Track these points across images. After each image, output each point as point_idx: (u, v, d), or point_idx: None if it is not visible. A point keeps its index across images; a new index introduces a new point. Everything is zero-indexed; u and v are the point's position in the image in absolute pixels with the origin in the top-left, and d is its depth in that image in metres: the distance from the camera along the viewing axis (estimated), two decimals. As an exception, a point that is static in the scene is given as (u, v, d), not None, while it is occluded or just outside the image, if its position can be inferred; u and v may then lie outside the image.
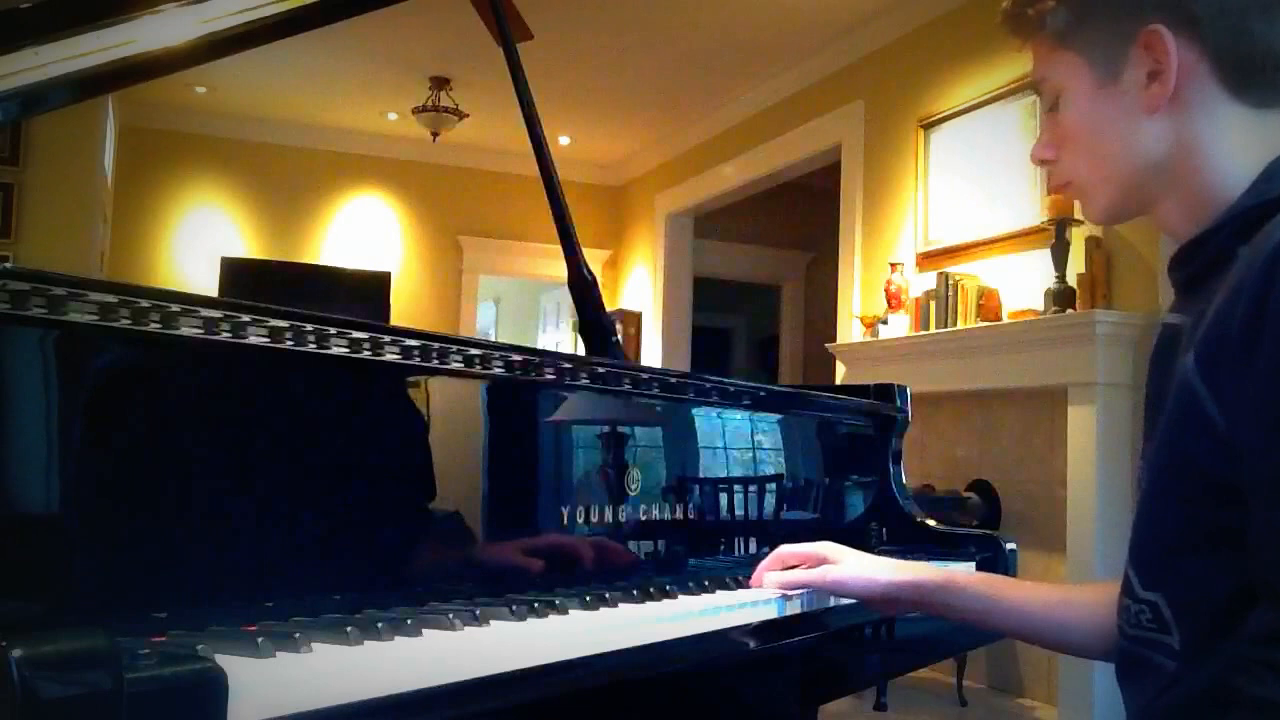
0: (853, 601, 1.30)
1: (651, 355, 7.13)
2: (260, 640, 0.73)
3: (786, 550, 1.25)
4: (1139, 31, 0.89)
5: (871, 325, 4.76)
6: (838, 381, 4.97)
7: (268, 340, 0.90)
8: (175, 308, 0.83)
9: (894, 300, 4.63)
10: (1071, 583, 1.21)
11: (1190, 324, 0.87)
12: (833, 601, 1.27)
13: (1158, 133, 0.91)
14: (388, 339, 1.00)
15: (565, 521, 1.19)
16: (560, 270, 1.76)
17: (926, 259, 4.66)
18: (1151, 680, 0.88)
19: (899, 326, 4.61)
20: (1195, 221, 0.91)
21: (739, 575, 1.30)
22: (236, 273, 6.75)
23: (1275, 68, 0.87)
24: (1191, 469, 0.83)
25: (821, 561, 1.20)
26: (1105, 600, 1.04)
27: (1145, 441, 0.94)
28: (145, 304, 0.81)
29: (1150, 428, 0.93)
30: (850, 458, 1.78)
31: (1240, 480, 0.77)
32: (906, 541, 1.75)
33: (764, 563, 1.27)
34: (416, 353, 1.03)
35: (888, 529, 1.76)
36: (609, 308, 3.03)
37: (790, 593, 1.20)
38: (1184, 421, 0.82)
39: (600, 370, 1.28)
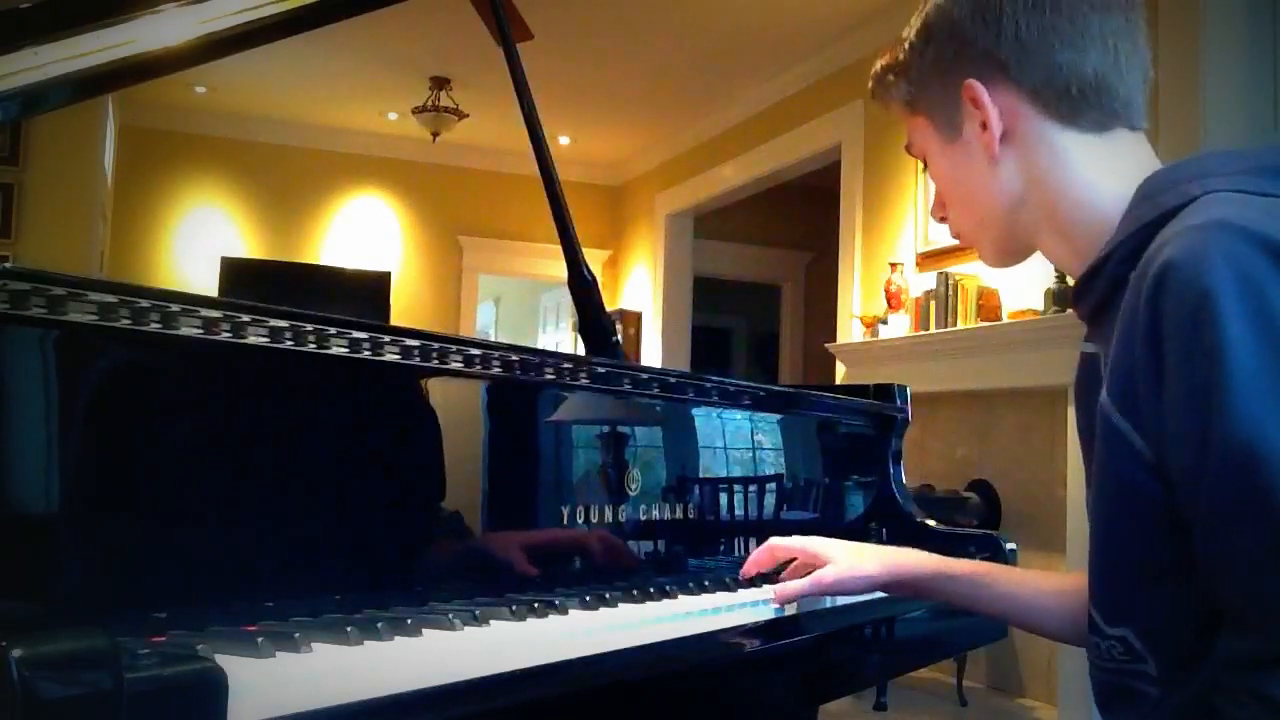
0: (852, 601, 1.30)
1: (651, 355, 7.13)
2: (260, 640, 0.73)
3: (777, 544, 1.24)
4: (961, 88, 0.94)
5: (871, 325, 4.76)
6: (838, 381, 4.97)
7: (268, 340, 0.90)
8: (175, 308, 0.84)
9: (894, 300, 4.63)
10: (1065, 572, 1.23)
11: (1103, 354, 0.87)
12: (830, 602, 1.27)
13: (1009, 175, 0.95)
14: (388, 339, 1.00)
15: (565, 521, 1.19)
16: (560, 270, 1.76)
17: (926, 259, 4.66)
18: (1136, 706, 0.88)
19: (899, 326, 4.61)
20: (1077, 251, 0.93)
21: (739, 575, 1.30)
22: (236, 273, 6.74)
23: (1095, 92, 0.90)
24: (1133, 501, 0.83)
25: (813, 558, 1.20)
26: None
27: (1086, 476, 0.94)
28: (145, 304, 0.81)
29: (1088, 462, 0.92)
30: (850, 458, 1.78)
31: (1180, 507, 0.77)
32: (906, 542, 1.74)
33: (753, 555, 1.26)
34: (416, 353, 1.03)
35: (887, 529, 1.76)
36: (609, 308, 3.03)
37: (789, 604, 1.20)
38: (1114, 456, 0.83)
39: (600, 370, 1.28)
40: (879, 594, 1.37)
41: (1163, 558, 0.82)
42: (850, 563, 1.17)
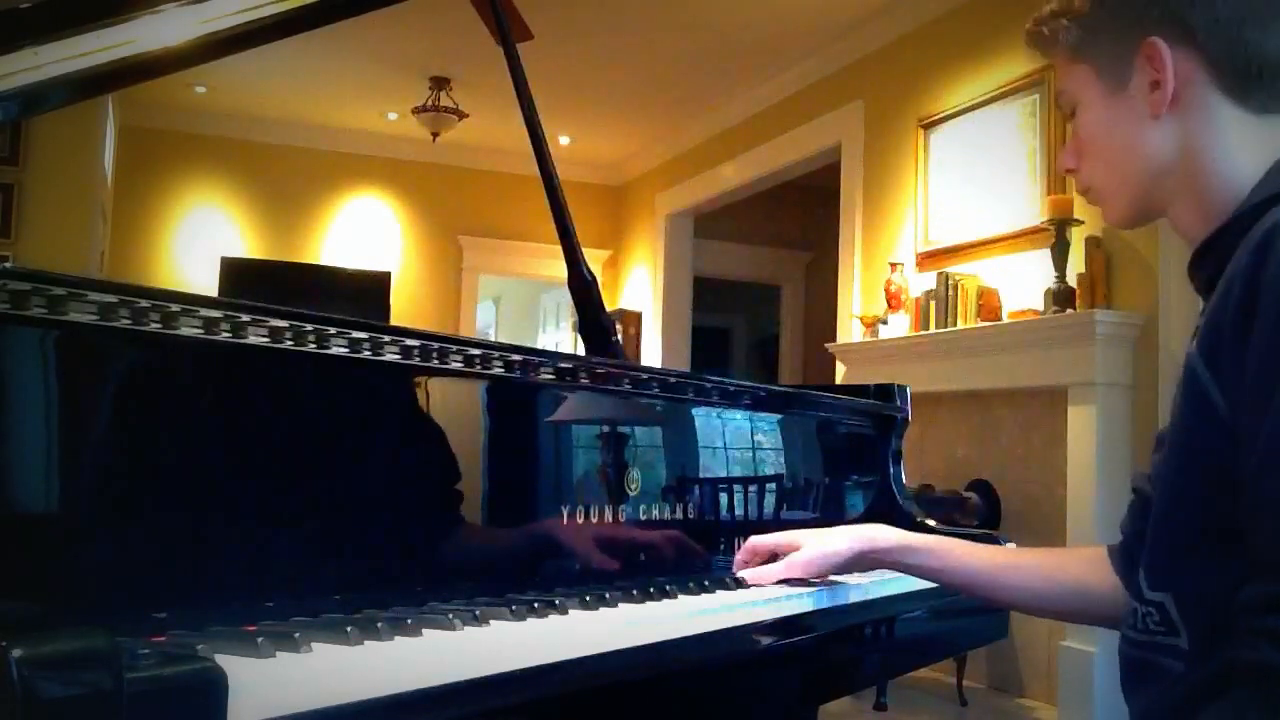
0: (852, 601, 1.31)
1: (651, 355, 7.13)
2: (260, 640, 0.73)
3: (756, 542, 1.30)
4: (1140, 43, 0.95)
5: (871, 325, 4.76)
6: (838, 381, 4.97)
7: (268, 340, 0.90)
8: (175, 308, 0.83)
9: (894, 300, 4.63)
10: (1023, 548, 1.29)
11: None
12: (831, 602, 1.27)
13: (1164, 137, 0.96)
14: (388, 339, 1.00)
15: (565, 521, 1.19)
16: (560, 270, 1.76)
17: (926, 259, 4.66)
18: (1158, 684, 0.89)
19: (899, 326, 4.61)
20: (1207, 223, 0.94)
21: (738, 575, 1.30)
22: (236, 273, 6.74)
23: (1272, 75, 0.92)
24: (1199, 463, 0.85)
25: (788, 547, 1.26)
26: (1048, 564, 1.16)
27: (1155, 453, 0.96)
28: (145, 304, 0.81)
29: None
30: (850, 457, 1.78)
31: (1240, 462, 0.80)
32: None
33: (737, 557, 1.31)
34: (416, 353, 1.03)
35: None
36: (609, 308, 3.03)
37: (766, 583, 1.25)
38: (1191, 411, 0.85)
39: (600, 370, 1.28)
40: (879, 594, 1.38)
41: (1215, 524, 0.84)
42: (820, 544, 1.25)
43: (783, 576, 1.24)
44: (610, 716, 1.00)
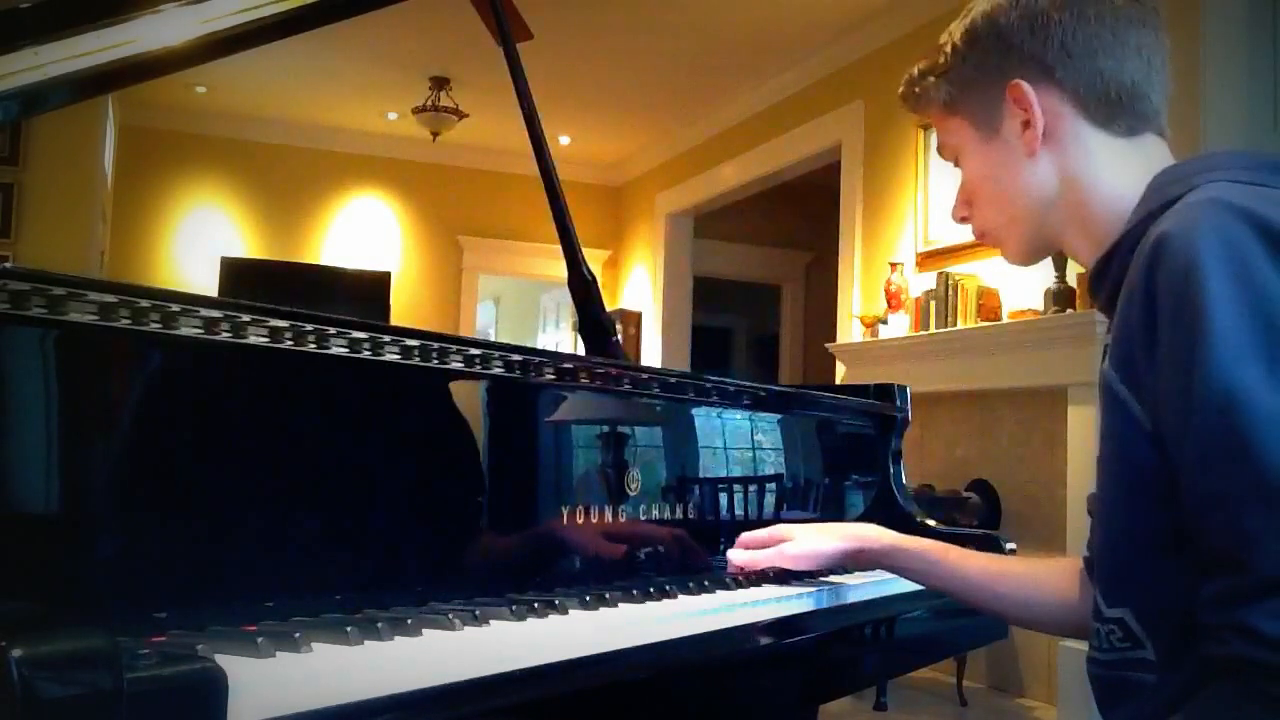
0: (852, 601, 1.31)
1: (651, 355, 7.13)
2: (260, 640, 0.73)
3: (748, 536, 1.31)
4: (1005, 88, 1.00)
5: (871, 325, 4.76)
6: (838, 381, 4.96)
7: (268, 340, 0.90)
8: (175, 308, 0.83)
9: (894, 300, 4.63)
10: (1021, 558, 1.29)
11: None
12: (831, 602, 1.27)
13: (1044, 172, 1.01)
14: (388, 339, 1.00)
15: (565, 521, 1.19)
16: (560, 270, 1.76)
17: (926, 259, 4.66)
18: (1134, 699, 0.90)
19: (899, 326, 4.61)
20: (1098, 246, 0.98)
21: (738, 575, 1.30)
22: (236, 273, 6.74)
23: (1130, 98, 0.97)
24: (1132, 471, 0.87)
25: (781, 539, 1.28)
26: (1040, 574, 1.16)
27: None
28: (145, 304, 0.81)
29: None
30: (850, 458, 1.78)
31: (1171, 465, 0.81)
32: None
33: (730, 555, 1.31)
34: (416, 353, 1.03)
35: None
36: (609, 308, 3.03)
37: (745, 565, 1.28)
38: (1116, 426, 0.87)
39: (600, 370, 1.28)
40: (879, 594, 1.38)
41: (1159, 531, 0.86)
42: (811, 540, 1.27)
43: (773, 565, 1.27)
44: (610, 716, 1.00)
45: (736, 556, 1.28)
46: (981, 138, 1.05)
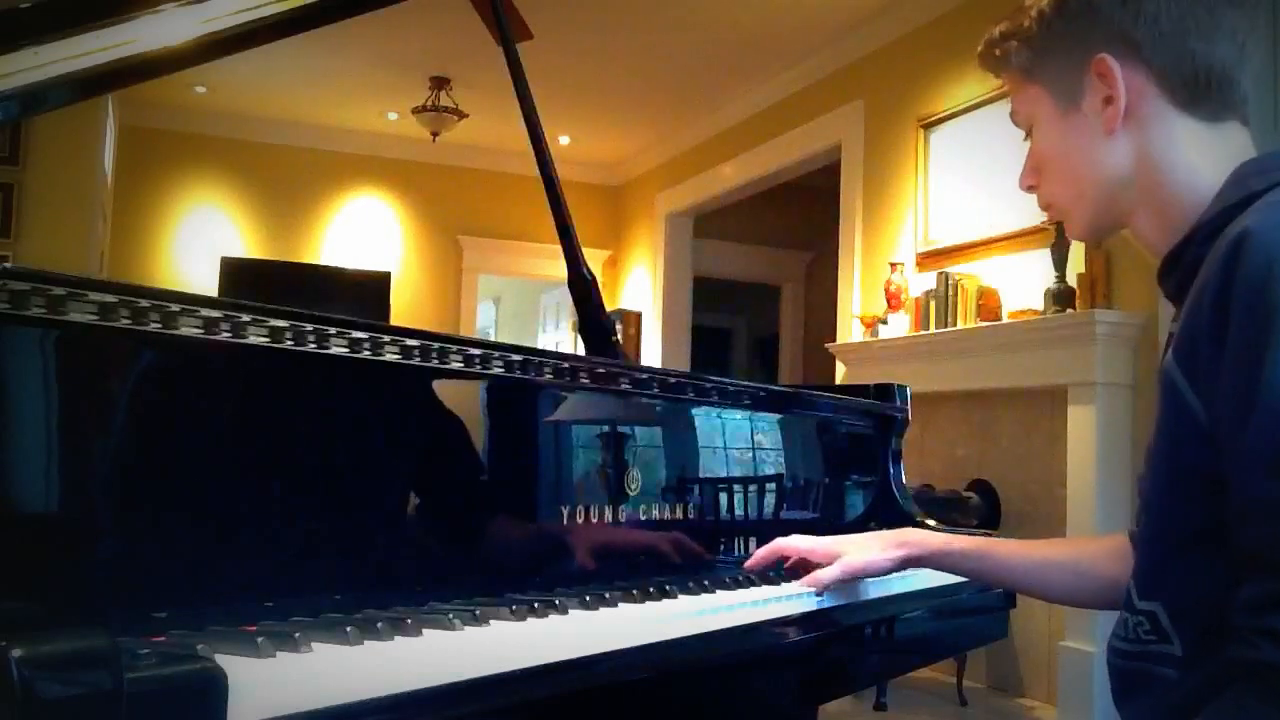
0: (852, 601, 1.31)
1: (651, 355, 7.13)
2: (260, 640, 0.73)
3: (784, 544, 1.31)
4: (1090, 61, 0.97)
5: (871, 325, 4.76)
6: (838, 381, 4.97)
7: (268, 340, 0.90)
8: (175, 308, 0.84)
9: (894, 300, 4.63)
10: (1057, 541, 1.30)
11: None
12: (831, 602, 1.27)
13: (1120, 151, 0.98)
14: (388, 339, 1.00)
15: (565, 521, 1.19)
16: (560, 270, 1.76)
17: (926, 259, 4.66)
18: (1152, 692, 0.90)
19: (899, 326, 4.61)
20: (1168, 232, 0.96)
21: (739, 575, 1.30)
22: (236, 273, 6.74)
23: (1218, 84, 0.94)
24: (1183, 469, 0.86)
25: (825, 556, 1.27)
26: (1084, 559, 1.18)
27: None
28: (145, 304, 0.81)
29: None
30: (850, 457, 1.78)
31: (1222, 464, 0.80)
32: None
33: (759, 554, 1.31)
34: (416, 353, 1.03)
35: (887, 529, 1.76)
36: (609, 308, 3.03)
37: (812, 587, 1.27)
38: (1171, 419, 0.87)
39: (600, 370, 1.28)
40: (879, 594, 1.38)
41: (1202, 529, 0.85)
42: (871, 550, 1.28)
43: (841, 579, 1.26)
44: (610, 716, 1.00)
45: (809, 581, 1.25)
46: (1059, 110, 1.01)
